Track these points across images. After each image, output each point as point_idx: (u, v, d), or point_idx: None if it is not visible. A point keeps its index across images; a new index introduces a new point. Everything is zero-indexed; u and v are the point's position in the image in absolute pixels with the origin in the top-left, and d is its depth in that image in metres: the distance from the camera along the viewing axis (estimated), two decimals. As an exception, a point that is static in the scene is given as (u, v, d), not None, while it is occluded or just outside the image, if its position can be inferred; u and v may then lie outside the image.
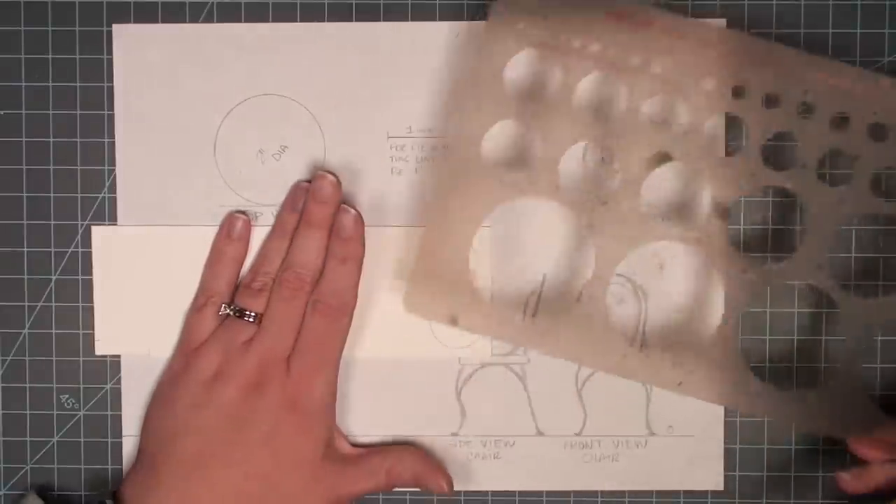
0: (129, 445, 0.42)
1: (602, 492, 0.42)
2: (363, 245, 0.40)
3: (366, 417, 0.42)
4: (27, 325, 0.42)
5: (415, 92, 0.41)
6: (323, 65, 0.41)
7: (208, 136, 0.41)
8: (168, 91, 0.41)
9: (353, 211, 0.40)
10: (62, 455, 0.42)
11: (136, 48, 0.41)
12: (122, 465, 0.42)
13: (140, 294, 0.42)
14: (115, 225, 0.42)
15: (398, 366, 0.41)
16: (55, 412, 0.42)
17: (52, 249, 0.42)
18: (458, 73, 0.41)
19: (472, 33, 0.41)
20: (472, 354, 0.41)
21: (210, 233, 0.41)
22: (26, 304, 0.42)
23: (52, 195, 0.42)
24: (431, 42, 0.41)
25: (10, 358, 0.42)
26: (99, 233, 0.42)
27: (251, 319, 0.39)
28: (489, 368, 0.42)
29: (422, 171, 0.41)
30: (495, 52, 0.39)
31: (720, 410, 0.41)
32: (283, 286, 0.39)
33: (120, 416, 0.42)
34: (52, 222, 0.42)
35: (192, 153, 0.41)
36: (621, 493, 0.42)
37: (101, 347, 0.42)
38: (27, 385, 0.42)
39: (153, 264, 0.41)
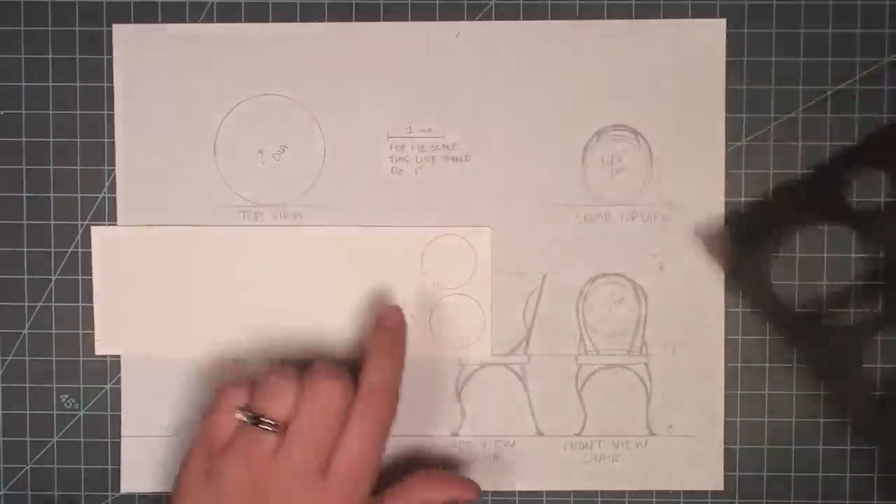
0: (128, 446, 0.42)
1: (602, 492, 0.42)
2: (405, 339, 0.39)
3: None
4: (27, 325, 0.42)
5: (415, 92, 0.41)
6: (322, 65, 0.41)
7: (208, 135, 0.41)
8: (168, 91, 0.41)
9: (398, 305, 0.40)
10: (62, 455, 0.42)
11: (136, 48, 0.41)
12: (119, 465, 0.42)
13: (140, 294, 0.42)
14: (115, 225, 0.42)
15: None
16: (55, 412, 0.42)
17: (52, 249, 0.42)
18: (459, 72, 0.41)
19: (471, 33, 0.41)
20: (472, 354, 0.41)
21: (210, 232, 0.41)
22: (26, 304, 0.42)
23: (51, 195, 0.42)
24: (431, 42, 0.41)
25: (10, 358, 0.42)
26: (99, 233, 0.41)
27: (270, 429, 0.36)
28: (489, 368, 0.42)
29: (422, 171, 0.41)
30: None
31: (720, 411, 0.41)
32: (314, 387, 0.36)
33: (119, 416, 0.42)
34: (52, 222, 0.42)
35: (192, 153, 0.41)
36: (621, 494, 0.42)
37: (101, 347, 0.42)
38: (27, 385, 0.42)
39: (153, 264, 0.41)
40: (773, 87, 0.41)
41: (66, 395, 0.42)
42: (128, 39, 0.41)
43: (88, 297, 0.42)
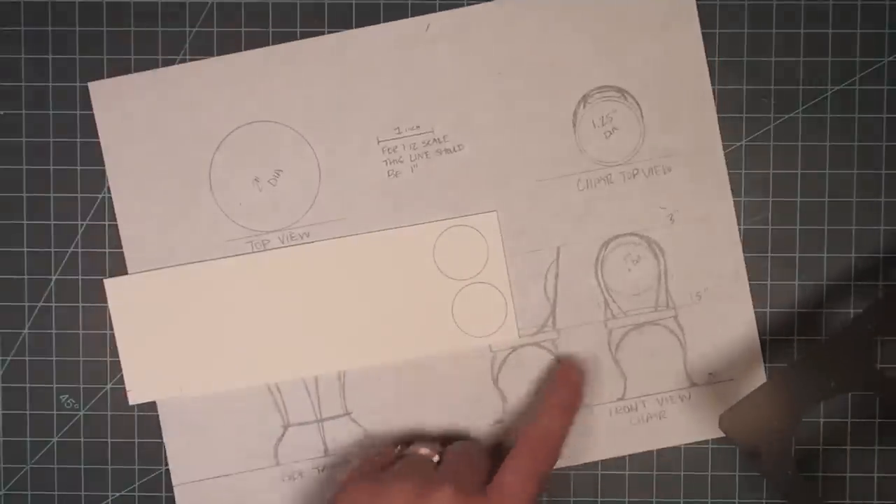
0: (182, 495, 0.42)
1: (657, 451, 0.41)
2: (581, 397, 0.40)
3: (408, 420, 0.41)
4: (27, 325, 0.42)
5: (397, 92, 0.41)
6: (300, 83, 0.41)
7: (202, 172, 0.41)
8: (155, 137, 0.41)
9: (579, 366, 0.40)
10: (62, 455, 0.42)
11: (115, 102, 0.41)
12: (120, 465, 0.42)
13: (163, 337, 0.41)
14: (126, 274, 0.41)
15: (430, 365, 0.41)
16: (55, 412, 0.42)
17: (52, 249, 0.42)
18: (436, 65, 0.41)
19: (442, 23, 0.41)
20: (501, 339, 0.41)
21: (218, 266, 0.41)
22: (26, 304, 0.42)
23: (51, 195, 0.42)
24: (403, 40, 0.41)
25: (10, 358, 0.42)
26: (112, 286, 0.41)
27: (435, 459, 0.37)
28: (521, 350, 0.41)
29: (418, 169, 0.41)
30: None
31: (757, 349, 0.41)
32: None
33: (119, 416, 0.42)
34: (52, 222, 0.42)
35: (189, 193, 0.41)
36: (676, 449, 0.41)
37: (134, 397, 0.41)
38: (27, 385, 0.42)
39: (170, 307, 0.41)
40: (773, 87, 0.41)
41: (66, 395, 0.42)
42: (106, 94, 0.41)
43: (88, 297, 0.42)
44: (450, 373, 0.41)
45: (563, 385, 0.39)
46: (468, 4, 0.41)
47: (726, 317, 0.41)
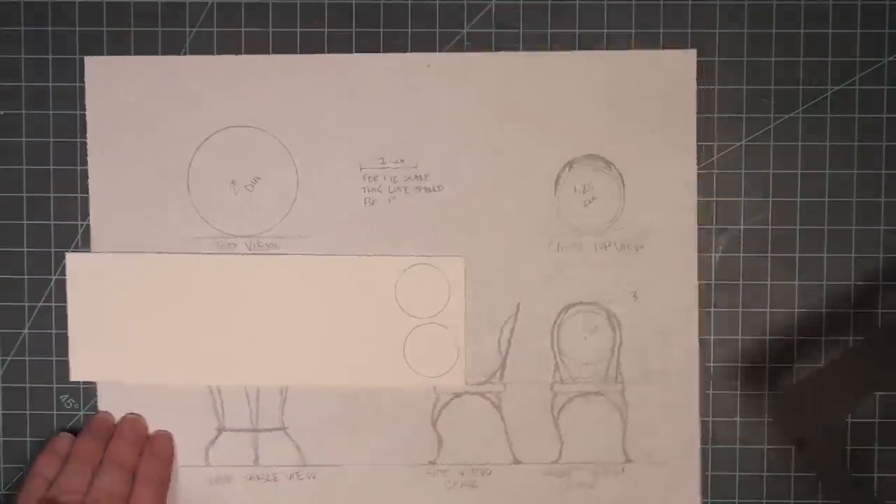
0: None
1: None
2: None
3: (343, 446, 0.42)
4: (27, 325, 0.42)
5: (387, 123, 0.41)
6: (295, 96, 0.41)
7: (181, 165, 0.41)
8: (141, 122, 0.41)
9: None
10: (62, 455, 0.42)
11: (107, 80, 0.41)
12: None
13: (114, 321, 0.41)
14: (89, 252, 0.41)
15: (373, 395, 0.42)
16: (55, 412, 0.42)
17: (52, 249, 0.42)
18: (431, 104, 0.41)
19: (443, 64, 0.41)
20: (447, 383, 0.41)
21: (180, 261, 0.41)
22: (26, 304, 0.42)
23: (51, 195, 0.42)
24: (403, 73, 0.41)
25: (10, 358, 0.42)
26: (73, 260, 0.41)
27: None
28: (465, 397, 0.42)
29: (395, 201, 0.41)
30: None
31: (696, 437, 0.41)
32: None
33: (120, 416, 0.42)
34: (52, 222, 0.42)
35: (165, 184, 0.41)
36: None
37: (77, 374, 0.42)
38: (27, 385, 0.42)
39: (127, 292, 0.41)
40: (773, 88, 0.41)
41: (66, 395, 0.42)
42: (100, 71, 0.41)
43: (88, 297, 0.42)
44: (391, 406, 0.42)
45: (154, 457, 0.40)
46: (468, 45, 0.41)
47: (672, 399, 0.41)
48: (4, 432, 0.42)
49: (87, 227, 0.42)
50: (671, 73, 0.41)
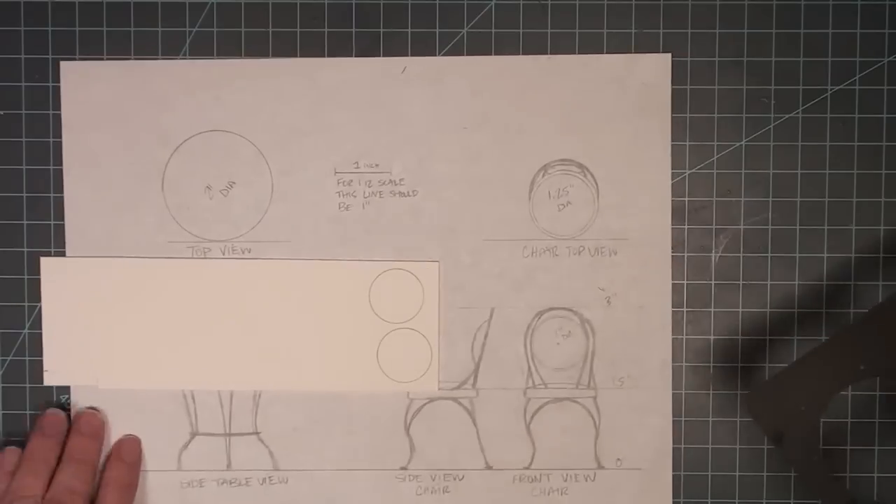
0: None
1: None
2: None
3: (315, 451, 0.42)
4: (27, 326, 0.42)
5: (361, 127, 0.41)
6: (269, 101, 0.41)
7: (156, 169, 0.41)
8: (116, 126, 0.41)
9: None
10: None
11: (82, 84, 0.41)
12: None
13: (88, 325, 0.41)
14: (63, 256, 0.41)
15: (346, 400, 0.42)
16: (55, 412, 0.42)
17: (52, 249, 0.42)
18: (405, 108, 0.41)
19: (418, 68, 0.41)
20: (420, 388, 0.42)
21: (154, 265, 0.41)
22: (26, 304, 0.42)
23: (51, 195, 0.42)
24: (378, 78, 0.41)
25: (10, 358, 0.42)
26: (47, 264, 0.41)
27: None
28: (437, 402, 0.42)
29: (369, 206, 0.41)
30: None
31: (668, 444, 0.41)
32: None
33: (120, 416, 0.42)
34: (52, 222, 0.42)
35: (140, 188, 0.41)
36: None
37: (50, 378, 0.42)
38: (27, 385, 0.42)
39: (101, 296, 0.41)
40: (773, 87, 0.41)
41: (66, 396, 0.42)
42: (74, 75, 0.41)
43: (88, 297, 0.42)
44: (364, 411, 0.42)
45: (121, 461, 0.40)
46: (440, 48, 0.41)
47: (644, 406, 0.41)
48: (4, 432, 0.42)
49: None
50: (645, 77, 0.41)
